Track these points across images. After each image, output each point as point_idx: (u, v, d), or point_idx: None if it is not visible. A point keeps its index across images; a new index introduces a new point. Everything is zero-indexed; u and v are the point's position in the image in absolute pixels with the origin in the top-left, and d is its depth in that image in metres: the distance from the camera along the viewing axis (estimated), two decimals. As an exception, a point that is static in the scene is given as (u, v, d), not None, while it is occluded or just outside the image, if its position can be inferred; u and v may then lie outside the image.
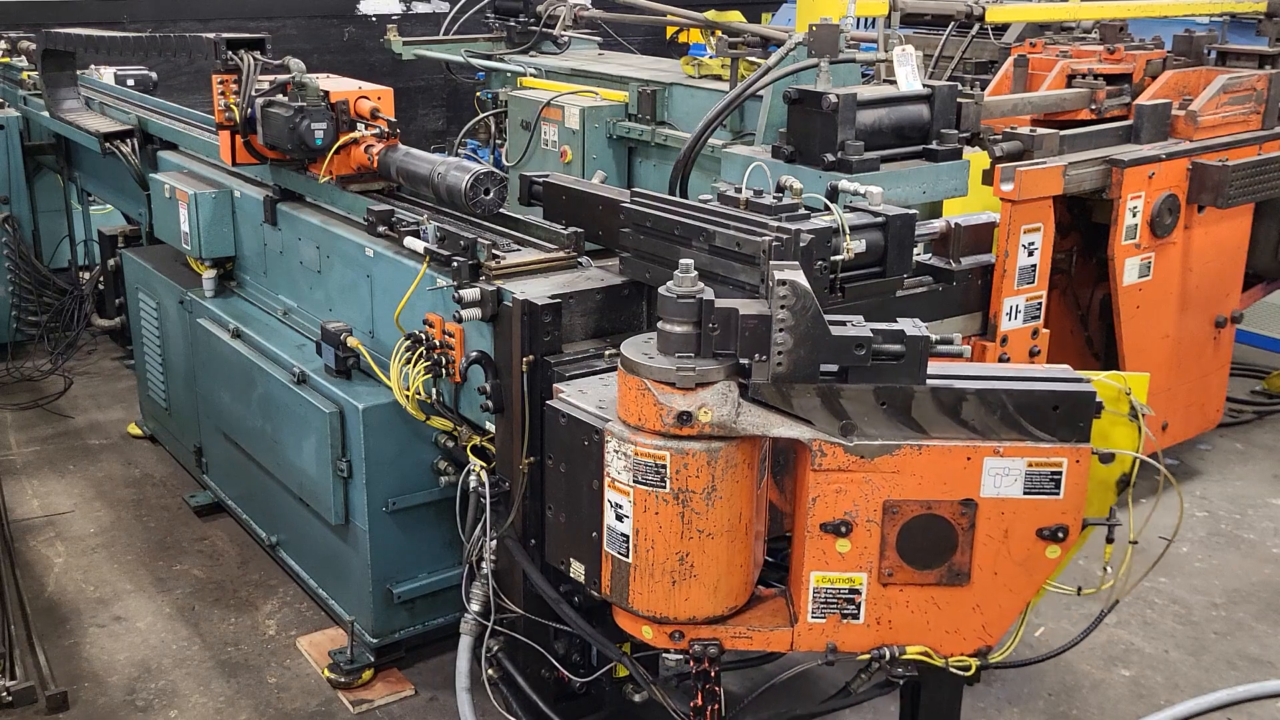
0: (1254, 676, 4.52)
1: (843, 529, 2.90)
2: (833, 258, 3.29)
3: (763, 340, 2.80)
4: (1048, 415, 2.84)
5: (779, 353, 2.81)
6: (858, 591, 2.96)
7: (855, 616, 2.99)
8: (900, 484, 2.87)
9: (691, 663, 3.06)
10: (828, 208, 3.44)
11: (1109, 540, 3.02)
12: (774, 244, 3.15)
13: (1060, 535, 2.90)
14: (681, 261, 2.90)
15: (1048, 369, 3.03)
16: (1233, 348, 6.12)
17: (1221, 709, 4.35)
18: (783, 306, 2.77)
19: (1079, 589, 3.25)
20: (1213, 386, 6.03)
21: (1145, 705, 4.37)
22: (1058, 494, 2.87)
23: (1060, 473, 2.86)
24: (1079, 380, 2.91)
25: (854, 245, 3.35)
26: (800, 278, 2.78)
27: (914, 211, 3.60)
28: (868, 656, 3.03)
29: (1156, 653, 4.69)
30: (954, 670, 3.04)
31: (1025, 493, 2.87)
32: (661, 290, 2.89)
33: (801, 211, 3.31)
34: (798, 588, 3.02)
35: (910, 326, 2.86)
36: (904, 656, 3.00)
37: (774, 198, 3.34)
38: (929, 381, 2.84)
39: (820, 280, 3.26)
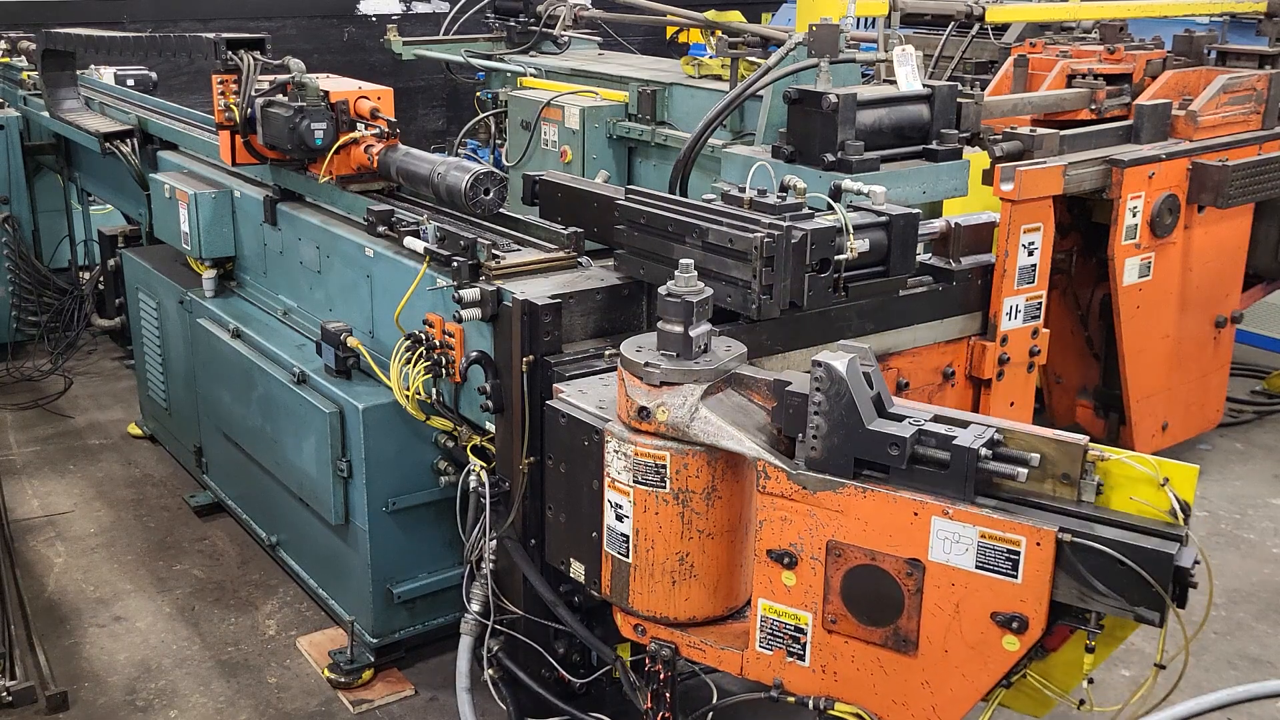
0: (1254, 676, 4.52)
1: (786, 560, 2.80)
2: (836, 257, 3.29)
3: (802, 420, 2.74)
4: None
5: (814, 437, 2.71)
6: (803, 631, 2.85)
7: (801, 658, 2.87)
8: (844, 525, 2.73)
9: (646, 660, 3.07)
10: (831, 207, 3.44)
11: (1089, 650, 2.68)
12: (765, 240, 3.16)
13: (1016, 626, 2.59)
14: (682, 261, 2.91)
15: (1054, 434, 2.70)
16: (1233, 348, 6.13)
17: (1221, 709, 4.34)
18: (818, 389, 2.68)
19: (1080, 702, 2.88)
20: (1213, 386, 6.04)
21: (1145, 705, 4.36)
22: (1015, 577, 2.57)
23: (1018, 553, 2.56)
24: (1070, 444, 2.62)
25: (857, 245, 3.35)
26: (841, 363, 2.66)
27: (917, 211, 3.60)
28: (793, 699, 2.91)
29: (1156, 652, 4.68)
30: None
31: (978, 567, 2.61)
32: (661, 290, 2.91)
33: (805, 211, 3.31)
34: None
35: (969, 434, 2.62)
36: (831, 711, 2.85)
37: (778, 197, 3.34)
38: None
39: (824, 280, 3.27)
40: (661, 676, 3.07)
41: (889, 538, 2.68)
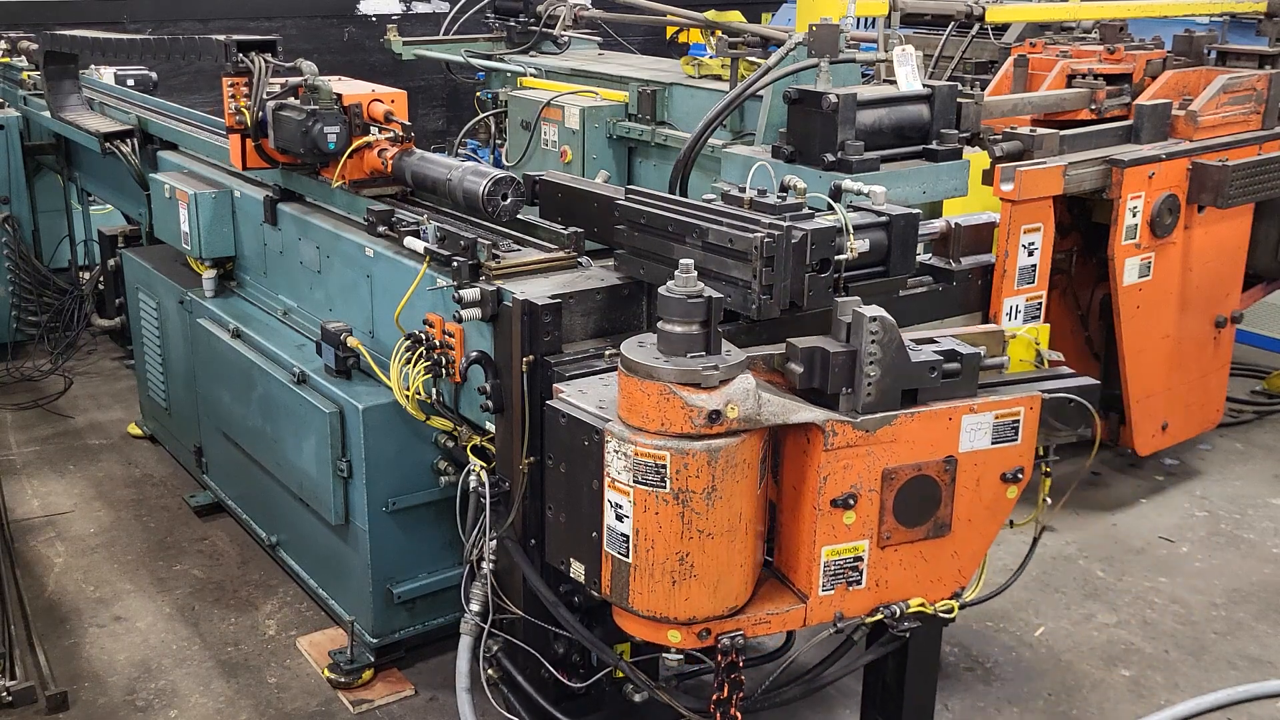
0: (1254, 676, 4.52)
1: (850, 501, 3.05)
2: (836, 257, 3.29)
3: (849, 374, 3.00)
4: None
5: (868, 384, 2.99)
6: (860, 558, 3.14)
7: (859, 582, 3.17)
8: (896, 451, 3.07)
9: (720, 657, 3.09)
10: (831, 207, 3.44)
11: (1046, 475, 3.39)
12: (765, 240, 3.16)
13: (1019, 476, 3.22)
14: (682, 261, 2.91)
15: (978, 328, 3.47)
16: (1233, 348, 6.13)
17: (1221, 709, 4.35)
18: (874, 341, 2.96)
19: (1010, 522, 3.47)
20: (1213, 386, 6.03)
21: (1145, 705, 4.37)
22: (1016, 440, 3.19)
23: (1019, 421, 3.18)
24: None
25: (857, 245, 3.36)
26: (885, 313, 2.98)
27: (917, 211, 3.60)
28: (876, 618, 3.23)
29: (1156, 653, 4.69)
30: (940, 615, 3.30)
31: (993, 443, 3.16)
32: (663, 291, 2.89)
33: (806, 211, 3.31)
34: (803, 567, 3.13)
35: (957, 344, 3.15)
36: (910, 611, 3.23)
37: (778, 197, 3.34)
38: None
39: (824, 280, 3.27)
40: (740, 664, 3.14)
41: (931, 447, 3.10)
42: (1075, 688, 4.47)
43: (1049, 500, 3.45)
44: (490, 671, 3.71)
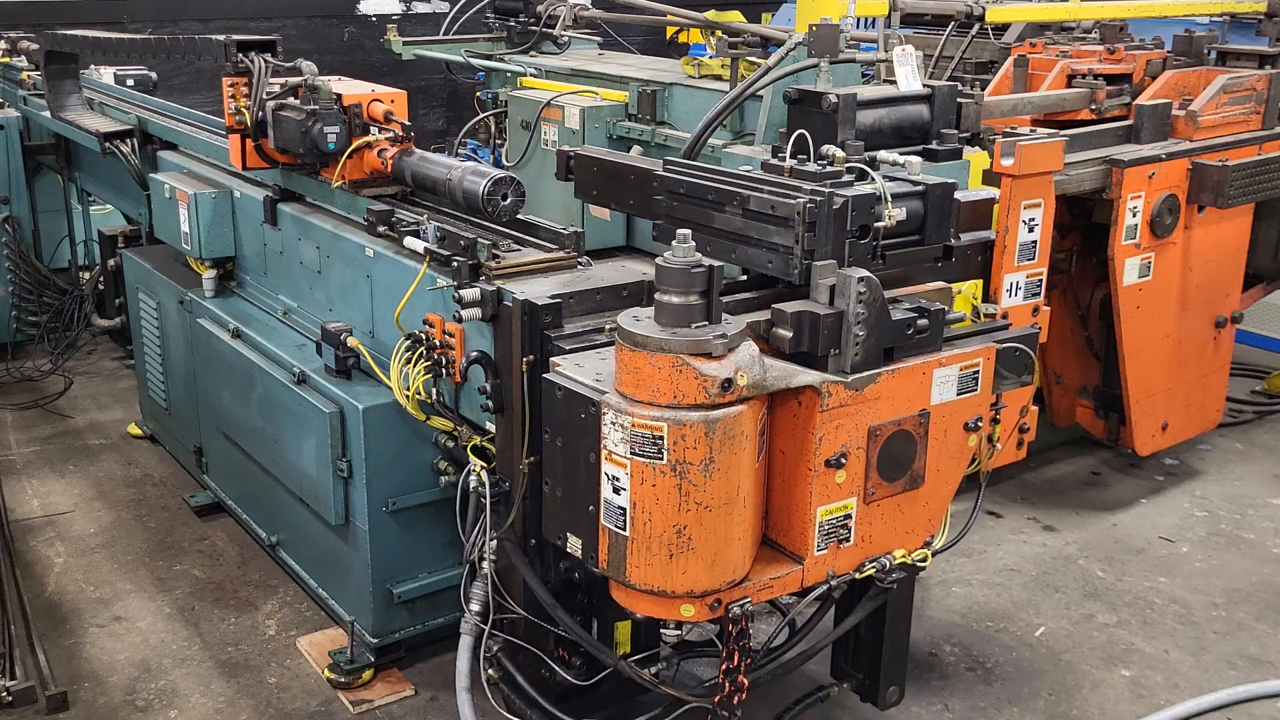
0: (1254, 676, 4.52)
1: (842, 460, 3.11)
2: (875, 224, 3.28)
3: (836, 336, 3.06)
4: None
5: (856, 343, 3.06)
6: (849, 516, 3.21)
7: (847, 540, 3.22)
8: (879, 409, 3.15)
9: (730, 625, 3.10)
10: (868, 176, 3.42)
11: (995, 421, 3.54)
12: (808, 206, 3.15)
13: (978, 424, 3.35)
14: (679, 231, 2.90)
15: (928, 286, 3.54)
16: (1233, 348, 6.13)
17: (1221, 709, 4.35)
18: (860, 302, 3.02)
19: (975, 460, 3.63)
20: (1213, 386, 6.04)
21: (1145, 705, 4.37)
22: (977, 390, 3.33)
23: (979, 372, 3.32)
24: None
25: (895, 213, 3.35)
26: (870, 274, 3.04)
27: (954, 181, 3.58)
28: (867, 573, 3.28)
29: (1156, 653, 4.69)
30: (917, 565, 3.39)
31: (958, 394, 3.29)
32: (660, 262, 2.87)
33: (845, 179, 3.31)
34: (797, 529, 3.18)
35: (922, 302, 3.27)
36: (897, 562, 3.31)
37: (818, 165, 3.33)
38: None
39: (864, 247, 3.26)
40: (749, 631, 3.17)
41: (908, 402, 3.20)
42: (1075, 688, 4.47)
43: (998, 445, 3.63)
44: (490, 671, 3.71)
